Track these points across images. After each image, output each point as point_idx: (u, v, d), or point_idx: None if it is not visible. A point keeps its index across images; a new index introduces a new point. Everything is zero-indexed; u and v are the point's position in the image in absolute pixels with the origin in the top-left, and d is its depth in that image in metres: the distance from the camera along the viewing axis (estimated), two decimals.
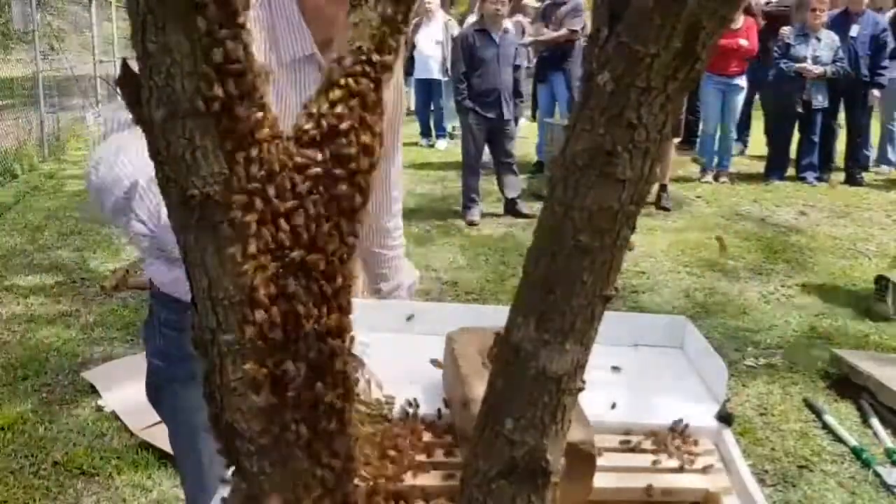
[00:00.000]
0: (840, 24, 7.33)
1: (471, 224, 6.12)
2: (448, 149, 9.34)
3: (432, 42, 8.88)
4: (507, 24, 6.79)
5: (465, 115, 6.20)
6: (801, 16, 7.26)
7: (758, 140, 8.27)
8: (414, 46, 8.90)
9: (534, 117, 8.98)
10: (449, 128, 9.86)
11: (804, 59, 7.06)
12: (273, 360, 0.76)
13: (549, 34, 7.54)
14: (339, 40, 0.80)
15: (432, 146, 9.52)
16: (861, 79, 7.25)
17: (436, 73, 9.04)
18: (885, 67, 7.28)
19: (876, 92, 7.36)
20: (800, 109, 7.24)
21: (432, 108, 9.57)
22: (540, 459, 0.84)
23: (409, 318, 1.91)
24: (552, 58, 7.70)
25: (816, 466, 2.93)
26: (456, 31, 8.94)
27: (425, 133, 9.65)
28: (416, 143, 9.48)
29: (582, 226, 0.75)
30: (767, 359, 3.82)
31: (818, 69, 7.01)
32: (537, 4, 8.62)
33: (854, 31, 7.27)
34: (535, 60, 8.39)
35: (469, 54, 6.08)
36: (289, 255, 0.75)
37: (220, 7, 0.66)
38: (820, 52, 7.06)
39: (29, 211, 6.24)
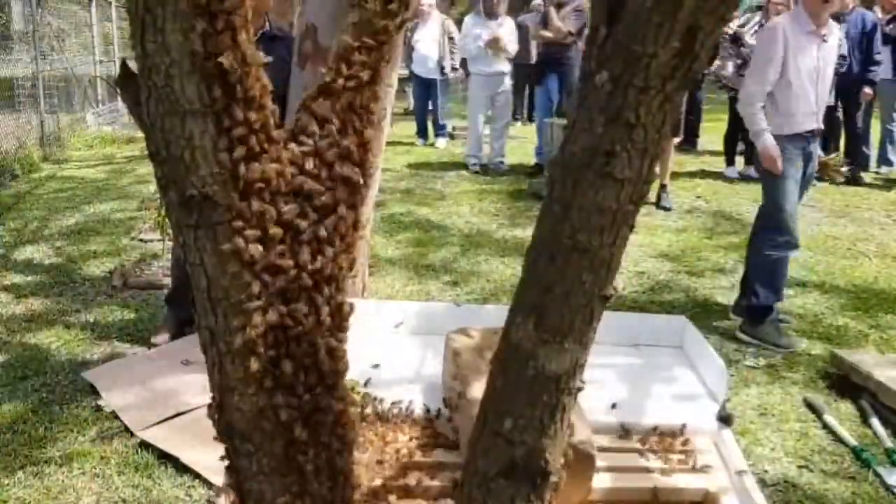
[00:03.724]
0: None
1: None
2: (446, 148, 9.33)
3: (430, 41, 8.87)
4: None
5: None
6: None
7: None
8: (412, 48, 8.89)
9: (530, 119, 8.95)
10: (449, 127, 9.84)
11: None
12: (272, 360, 0.76)
13: (547, 33, 7.53)
14: (339, 40, 0.80)
15: (431, 145, 9.50)
16: (852, 77, 7.25)
17: (434, 73, 9.02)
18: (876, 64, 7.27)
19: (867, 89, 7.35)
20: None
21: (430, 108, 9.55)
22: (539, 459, 0.84)
23: (398, 325, 1.91)
24: (550, 60, 7.66)
25: (816, 466, 2.92)
26: (454, 30, 8.93)
27: (422, 133, 9.63)
28: (412, 143, 9.47)
29: (581, 225, 0.75)
30: (767, 359, 3.82)
31: None
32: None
33: (843, 29, 7.27)
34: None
35: None
36: (288, 255, 0.75)
37: (220, 10, 0.66)
38: None
39: (29, 211, 6.24)
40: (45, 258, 5.10)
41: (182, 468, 2.77)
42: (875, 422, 3.20)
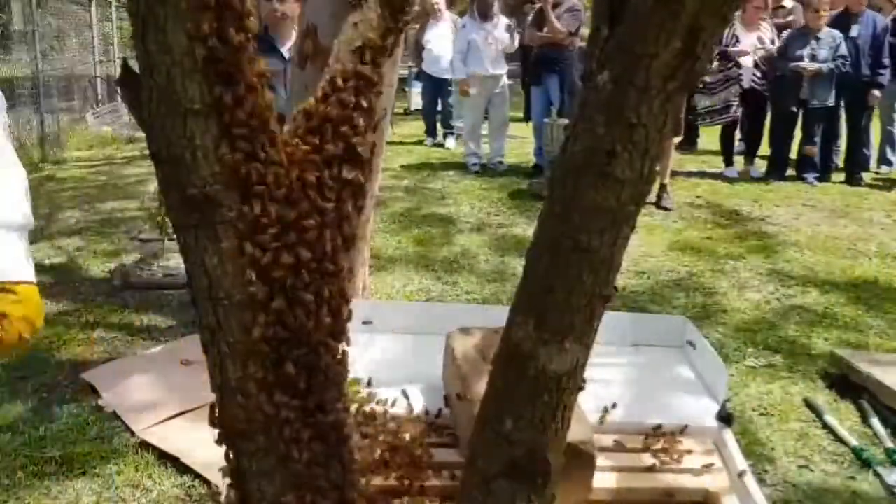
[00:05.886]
0: (840, 24, 7.32)
1: None
2: (448, 148, 9.32)
3: (443, 41, 8.73)
4: None
5: None
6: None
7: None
8: (423, 46, 8.82)
9: (525, 120, 8.89)
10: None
11: (801, 59, 7.06)
12: (273, 360, 0.76)
13: (545, 33, 7.49)
14: (339, 41, 0.80)
15: (439, 145, 9.45)
16: (861, 79, 7.24)
17: (447, 72, 8.88)
18: (885, 67, 7.26)
19: (876, 92, 7.34)
20: (793, 108, 7.24)
21: (439, 108, 9.47)
22: (539, 459, 0.84)
23: (397, 325, 1.90)
24: (547, 59, 7.60)
25: (816, 466, 2.92)
26: None
27: (431, 131, 9.57)
28: (420, 142, 9.44)
29: (581, 225, 0.75)
30: (767, 359, 3.82)
31: (813, 66, 6.99)
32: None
33: (854, 31, 7.26)
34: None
35: None
36: (289, 255, 0.75)
37: (223, 9, 0.66)
38: (818, 50, 7.05)
39: None
40: (45, 258, 5.10)
41: (182, 468, 2.77)
42: (875, 422, 3.20)
